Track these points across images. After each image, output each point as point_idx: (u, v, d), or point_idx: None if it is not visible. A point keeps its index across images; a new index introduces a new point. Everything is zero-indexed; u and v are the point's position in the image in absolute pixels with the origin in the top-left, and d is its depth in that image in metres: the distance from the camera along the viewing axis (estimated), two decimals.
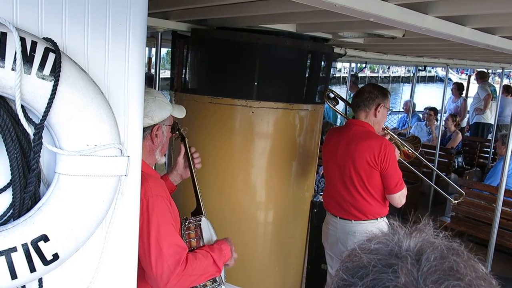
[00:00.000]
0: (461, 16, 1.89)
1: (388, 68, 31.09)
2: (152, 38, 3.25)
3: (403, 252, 0.54)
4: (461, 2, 1.63)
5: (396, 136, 2.93)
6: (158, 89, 3.27)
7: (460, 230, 4.63)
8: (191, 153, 1.96)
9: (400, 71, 31.56)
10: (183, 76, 3.02)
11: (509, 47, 2.47)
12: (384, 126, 2.78)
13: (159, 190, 1.58)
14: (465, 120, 8.17)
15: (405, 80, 28.33)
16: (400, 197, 2.58)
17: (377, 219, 2.64)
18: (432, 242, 0.55)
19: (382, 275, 0.51)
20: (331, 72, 3.32)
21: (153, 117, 1.62)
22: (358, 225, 2.63)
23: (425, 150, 6.03)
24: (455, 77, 24.56)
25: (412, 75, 10.31)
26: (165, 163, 2.83)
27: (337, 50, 3.62)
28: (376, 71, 33.10)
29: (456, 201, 3.25)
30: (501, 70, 6.58)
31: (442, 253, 0.53)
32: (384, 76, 32.26)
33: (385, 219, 2.69)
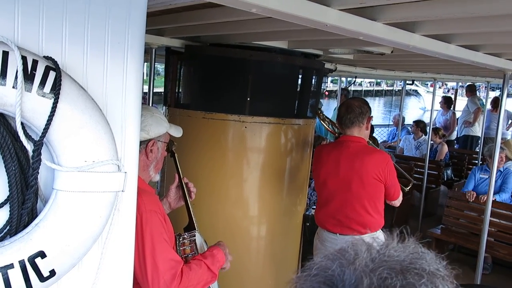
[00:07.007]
0: (446, 34, 1.96)
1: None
2: (146, 53, 3.28)
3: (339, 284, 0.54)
4: (446, 21, 1.69)
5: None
6: (151, 105, 3.29)
7: (450, 242, 4.69)
8: (185, 182, 1.97)
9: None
10: (176, 91, 3.05)
11: (492, 63, 2.56)
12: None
13: (153, 205, 1.59)
14: (455, 133, 8.30)
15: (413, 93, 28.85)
16: (399, 201, 2.78)
17: (377, 231, 2.68)
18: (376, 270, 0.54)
19: None
20: (322, 87, 3.39)
21: (149, 132, 1.64)
22: (362, 238, 2.66)
23: (414, 162, 6.12)
24: (422, 89, 25.05)
25: (401, 88, 10.49)
26: (157, 182, 2.82)
27: (327, 65, 3.69)
28: (389, 84, 34.01)
29: (407, 188, 3.45)
30: (486, 84, 6.75)
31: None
32: (398, 90, 32.84)
33: (381, 230, 2.75)
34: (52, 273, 1.06)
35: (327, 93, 19.93)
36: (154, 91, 3.32)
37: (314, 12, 1.35)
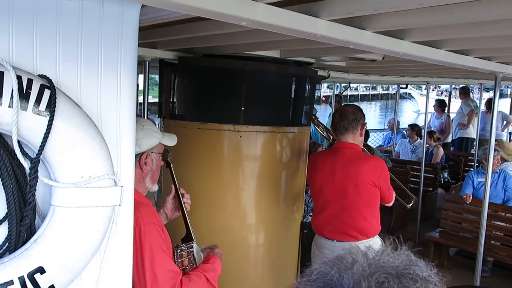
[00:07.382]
0: (436, 40, 1.99)
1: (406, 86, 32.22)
2: (140, 65, 3.31)
3: None
4: (435, 28, 1.72)
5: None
6: (146, 116, 3.31)
7: (449, 245, 4.70)
8: (181, 193, 1.98)
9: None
10: (171, 103, 3.07)
11: (483, 66, 2.59)
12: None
13: (151, 217, 1.60)
14: (450, 135, 8.34)
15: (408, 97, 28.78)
16: (392, 201, 2.84)
17: (375, 236, 2.69)
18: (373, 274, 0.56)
19: None
20: (316, 94, 3.42)
21: (141, 145, 1.65)
22: (358, 245, 2.67)
23: (410, 166, 6.15)
24: (416, 92, 25.20)
25: (394, 93, 10.56)
26: (155, 192, 2.83)
27: (320, 72, 3.72)
28: (385, 88, 34.68)
29: (409, 205, 3.45)
30: (480, 86, 6.81)
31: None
32: (393, 93, 33.29)
33: (378, 235, 2.76)
34: None
35: (323, 98, 20.08)
36: (153, 101, 3.34)
37: (304, 23, 1.37)
